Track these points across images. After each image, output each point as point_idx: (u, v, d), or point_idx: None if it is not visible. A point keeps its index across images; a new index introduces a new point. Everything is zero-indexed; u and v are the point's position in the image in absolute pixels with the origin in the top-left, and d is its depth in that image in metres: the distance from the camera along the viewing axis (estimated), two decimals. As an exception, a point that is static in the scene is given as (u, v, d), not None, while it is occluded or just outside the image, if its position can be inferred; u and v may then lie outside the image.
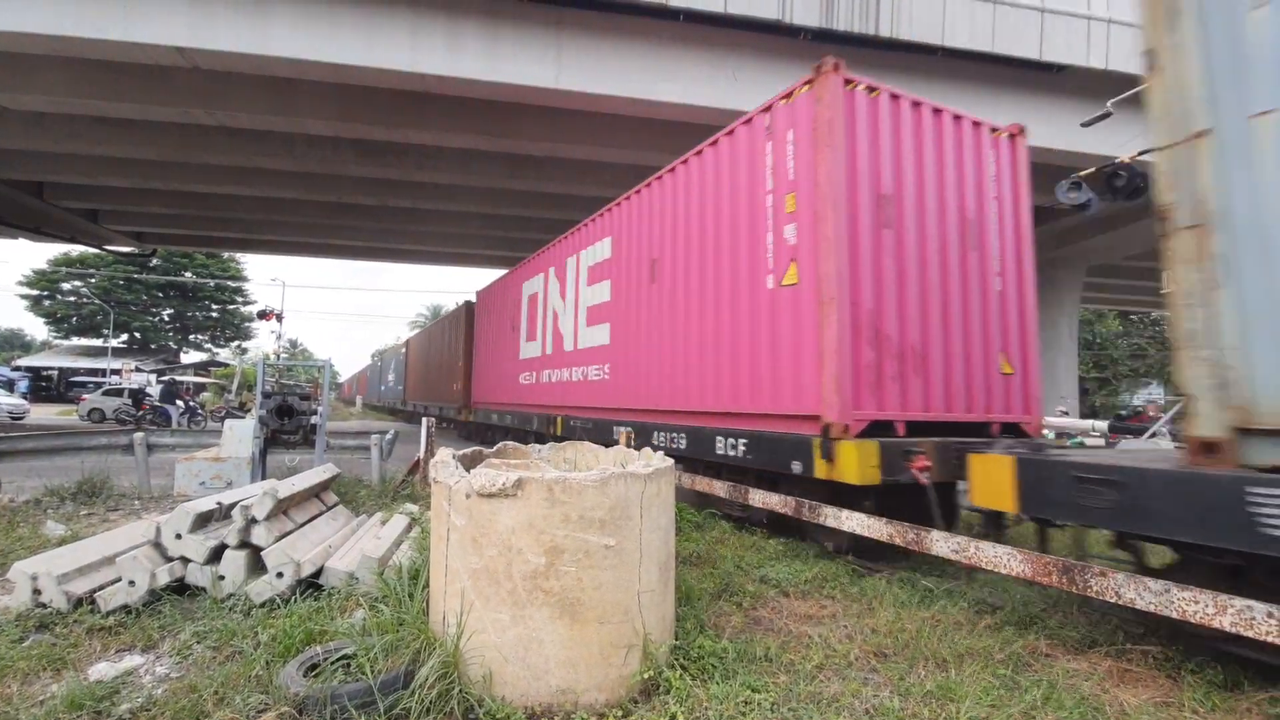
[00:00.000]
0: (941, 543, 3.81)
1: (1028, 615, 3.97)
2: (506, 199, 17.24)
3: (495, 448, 4.07)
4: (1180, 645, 3.38)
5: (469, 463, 3.62)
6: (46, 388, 43.36)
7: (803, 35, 10.33)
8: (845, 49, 9.35)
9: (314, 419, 7.95)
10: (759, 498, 5.53)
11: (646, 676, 2.87)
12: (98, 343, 48.82)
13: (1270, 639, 2.41)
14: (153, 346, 50.62)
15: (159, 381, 28.64)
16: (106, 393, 25.89)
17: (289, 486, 4.80)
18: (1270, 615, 2.43)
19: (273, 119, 11.87)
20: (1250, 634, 2.48)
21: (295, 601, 3.82)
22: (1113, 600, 2.95)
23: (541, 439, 9.21)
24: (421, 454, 7.94)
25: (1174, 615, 2.71)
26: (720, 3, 9.71)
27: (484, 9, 9.83)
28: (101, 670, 3.14)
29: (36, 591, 3.85)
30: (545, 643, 2.73)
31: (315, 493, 5.47)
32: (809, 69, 5.41)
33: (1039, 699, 2.88)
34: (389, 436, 9.25)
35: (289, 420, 7.78)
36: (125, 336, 50.45)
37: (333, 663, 2.85)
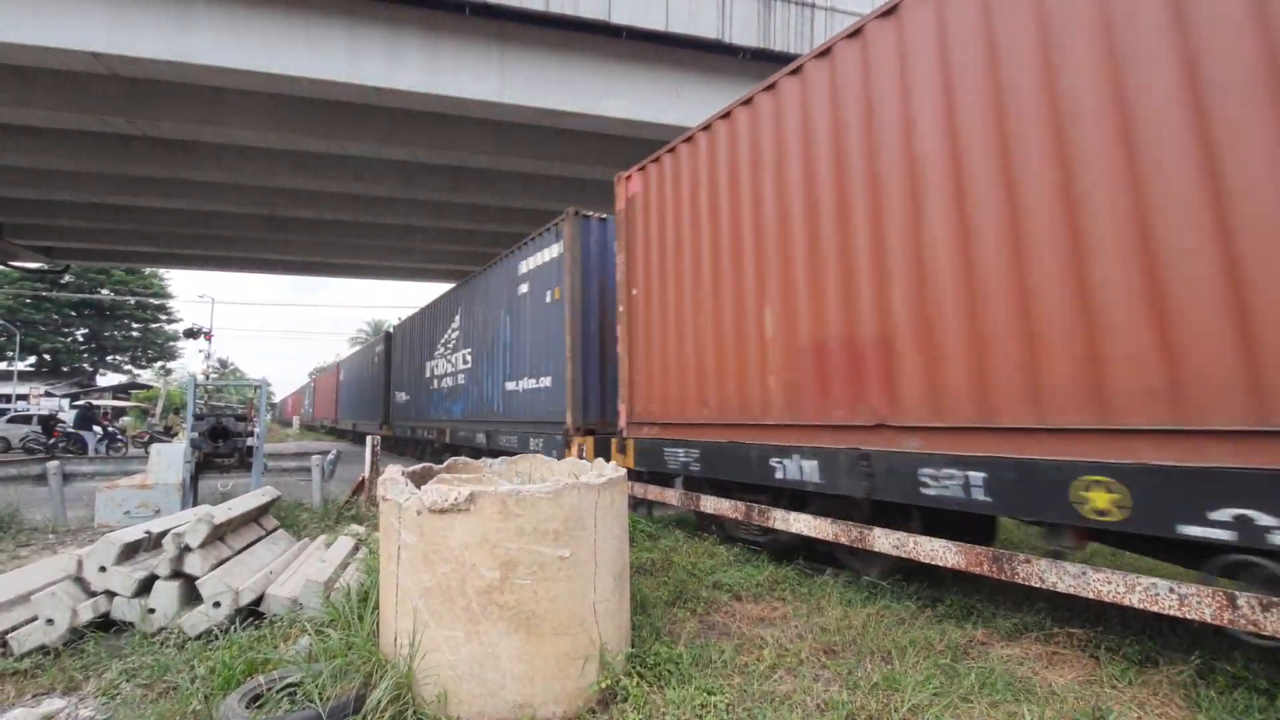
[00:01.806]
0: (883, 539, 3.98)
1: (966, 606, 4.18)
2: (450, 212, 16.99)
3: (446, 463, 4.03)
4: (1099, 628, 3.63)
5: (418, 480, 3.57)
6: (-57, 416, 39.86)
7: (742, 54, 10.66)
8: (783, 68, 9.68)
9: (250, 441, 7.64)
10: (710, 504, 5.62)
11: (604, 686, 2.88)
12: (2, 366, 45.23)
13: (1171, 612, 2.65)
14: (65, 369, 47.29)
15: (73, 406, 26.73)
16: (12, 420, 23.96)
17: (225, 511, 4.60)
18: (1172, 591, 2.67)
19: (200, 128, 11.36)
20: (1155, 609, 2.71)
21: (235, 632, 3.65)
22: (1037, 585, 3.16)
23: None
24: (366, 473, 7.71)
25: (1090, 595, 2.92)
26: (661, 21, 9.93)
27: (423, 21, 9.73)
28: (18, 716, 2.94)
29: (-59, 635, 3.57)
30: (501, 658, 2.72)
31: (254, 518, 5.25)
32: (749, 86, 5.56)
33: (975, 684, 3.04)
34: (331, 457, 8.95)
35: (223, 443, 7.45)
36: (34, 359, 46.95)
37: (277, 692, 2.74)
